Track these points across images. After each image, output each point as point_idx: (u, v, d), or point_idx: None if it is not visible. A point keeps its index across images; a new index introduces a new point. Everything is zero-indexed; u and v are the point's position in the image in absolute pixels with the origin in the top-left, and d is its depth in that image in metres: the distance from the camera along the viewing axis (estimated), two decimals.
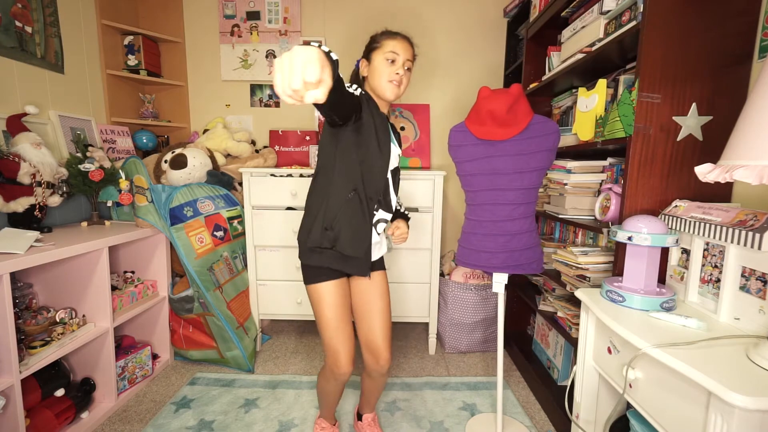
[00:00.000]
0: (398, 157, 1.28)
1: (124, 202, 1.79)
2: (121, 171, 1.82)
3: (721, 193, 1.23)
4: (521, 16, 2.23)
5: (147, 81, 2.40)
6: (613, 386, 1.05)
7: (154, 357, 1.95)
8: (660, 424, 0.88)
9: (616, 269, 1.25)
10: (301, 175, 2.00)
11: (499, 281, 1.38)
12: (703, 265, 1.08)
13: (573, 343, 1.42)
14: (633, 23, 1.20)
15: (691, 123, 1.17)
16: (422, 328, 2.45)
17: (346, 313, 1.22)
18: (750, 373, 0.75)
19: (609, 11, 1.34)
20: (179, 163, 1.93)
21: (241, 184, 2.14)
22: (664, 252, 1.20)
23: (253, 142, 2.46)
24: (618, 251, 1.25)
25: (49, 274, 1.59)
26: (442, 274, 2.22)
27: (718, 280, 1.02)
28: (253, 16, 2.46)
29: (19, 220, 1.51)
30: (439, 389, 1.80)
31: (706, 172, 0.83)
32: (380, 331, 1.26)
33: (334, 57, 0.75)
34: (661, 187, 1.21)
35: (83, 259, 1.54)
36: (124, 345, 1.82)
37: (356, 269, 1.19)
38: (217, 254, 1.91)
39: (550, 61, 1.79)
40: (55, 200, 1.63)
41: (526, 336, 2.17)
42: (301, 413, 1.62)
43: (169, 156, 1.97)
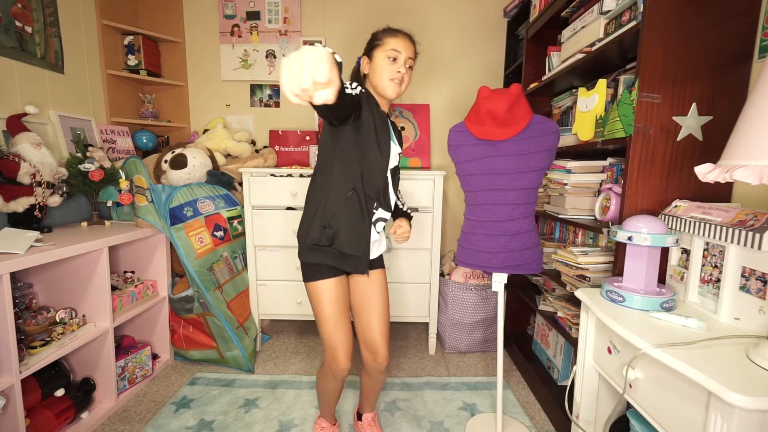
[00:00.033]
0: (398, 156, 1.28)
1: (124, 202, 1.79)
2: (121, 171, 1.82)
3: (721, 193, 1.23)
4: (521, 16, 2.23)
5: (147, 81, 2.40)
6: (613, 386, 1.05)
7: (154, 357, 1.95)
8: (660, 424, 0.88)
9: (616, 269, 1.25)
10: (301, 175, 2.00)
11: (499, 281, 1.38)
12: (703, 265, 1.08)
13: (573, 343, 1.42)
14: (633, 23, 1.20)
15: (691, 123, 1.17)
16: (422, 328, 2.45)
17: (345, 311, 1.23)
18: (750, 373, 0.75)
19: (609, 11, 1.34)
20: (179, 163, 1.93)
21: (241, 184, 2.14)
22: (664, 252, 1.20)
23: (253, 142, 2.46)
24: (618, 251, 1.25)
25: (49, 274, 1.59)
26: (442, 274, 2.22)
27: (718, 280, 1.02)
28: (253, 16, 2.46)
29: (19, 220, 1.51)
30: (439, 389, 1.80)
31: (706, 172, 0.83)
32: (379, 329, 1.26)
33: (339, 59, 0.75)
34: (661, 187, 1.21)
35: (83, 259, 1.54)
36: (124, 345, 1.82)
37: (355, 267, 1.20)
38: (217, 254, 1.91)
39: (550, 61, 1.79)
40: (55, 200, 1.63)
41: (526, 336, 2.17)
42: (301, 413, 1.62)
43: (169, 156, 1.97)
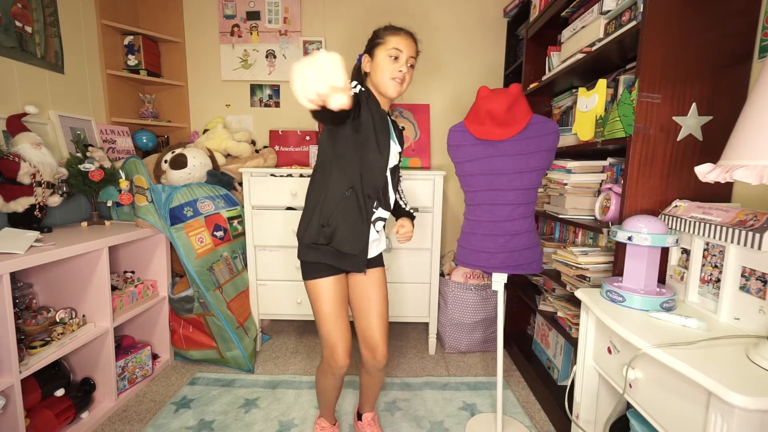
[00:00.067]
0: (398, 155, 1.28)
1: (124, 202, 1.79)
2: (121, 171, 1.82)
3: (721, 193, 1.23)
4: (521, 16, 2.23)
5: (147, 81, 2.40)
6: (613, 386, 1.05)
7: (154, 357, 1.95)
8: (660, 424, 0.88)
9: (616, 269, 1.25)
10: (301, 175, 2.00)
11: (499, 281, 1.38)
12: (703, 265, 1.08)
13: (573, 343, 1.42)
14: (633, 23, 1.20)
15: (691, 123, 1.17)
16: (422, 328, 2.45)
17: (344, 309, 1.23)
18: (750, 373, 0.75)
19: (609, 11, 1.34)
20: (179, 163, 1.93)
21: (241, 184, 2.14)
22: (664, 252, 1.20)
23: (253, 142, 2.46)
24: (618, 251, 1.25)
25: (49, 274, 1.59)
26: (442, 274, 2.22)
27: (718, 280, 1.02)
28: (253, 16, 2.46)
29: (19, 220, 1.51)
30: (439, 389, 1.80)
31: (706, 172, 0.83)
32: (378, 327, 1.27)
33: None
34: (661, 187, 1.21)
35: (83, 259, 1.54)
36: (124, 345, 1.82)
37: (353, 266, 1.20)
38: (217, 254, 1.91)
39: (550, 61, 1.79)
40: (55, 200, 1.63)
41: (526, 336, 2.17)
42: (301, 413, 1.62)
43: (169, 156, 1.97)
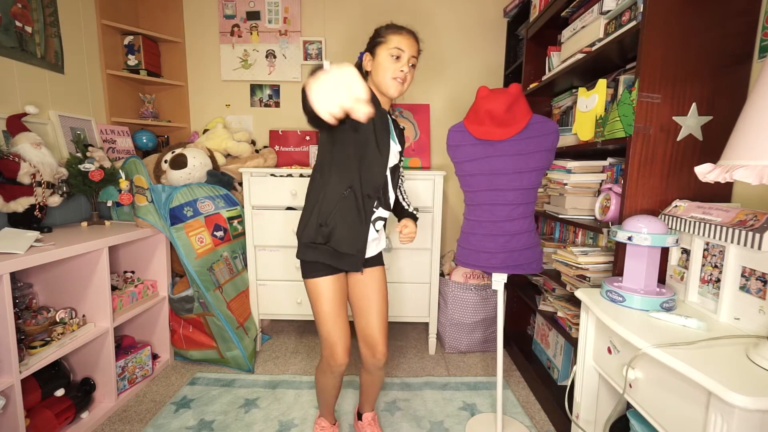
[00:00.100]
0: (399, 154, 1.28)
1: (124, 202, 1.79)
2: (121, 171, 1.82)
3: (721, 193, 1.23)
4: (521, 16, 2.23)
5: (147, 81, 2.40)
6: (613, 386, 1.05)
7: (154, 357, 1.95)
8: (660, 424, 0.88)
9: (616, 269, 1.25)
10: (301, 175, 2.00)
11: (498, 280, 1.38)
12: (703, 265, 1.08)
13: (573, 343, 1.42)
14: (633, 23, 1.20)
15: (691, 123, 1.17)
16: (422, 328, 2.45)
17: (343, 307, 1.24)
18: (750, 373, 0.75)
19: (609, 11, 1.34)
20: (179, 163, 1.93)
21: (241, 184, 2.14)
22: (664, 252, 1.20)
23: (253, 142, 2.46)
24: (618, 251, 1.25)
25: (49, 274, 1.59)
26: (442, 274, 2.22)
27: (718, 280, 1.02)
28: (253, 16, 2.46)
29: (19, 220, 1.51)
30: (439, 389, 1.80)
31: (706, 172, 0.83)
32: (377, 325, 1.27)
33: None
34: (661, 187, 1.21)
35: (83, 259, 1.54)
36: (124, 345, 1.82)
37: (349, 266, 1.20)
38: (217, 254, 1.91)
39: (550, 61, 1.79)
40: (55, 200, 1.63)
41: (526, 336, 2.17)
42: (301, 413, 1.62)
43: (169, 156, 1.97)
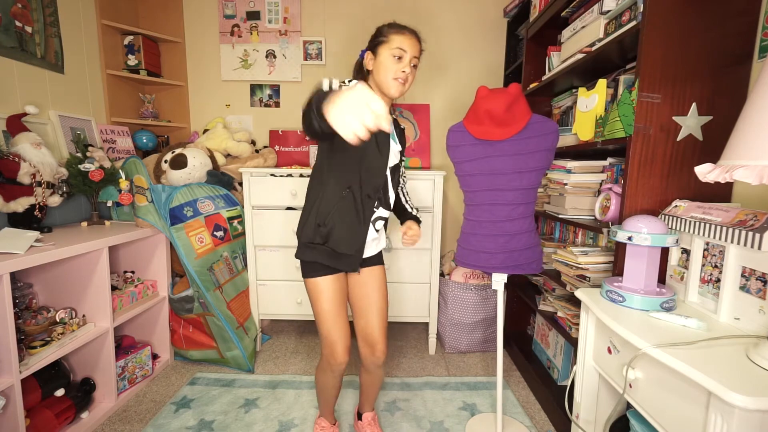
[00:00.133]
0: (399, 154, 1.27)
1: (124, 202, 1.79)
2: (121, 171, 1.82)
3: (721, 193, 1.23)
4: (521, 16, 2.23)
5: (147, 81, 2.40)
6: (613, 386, 1.05)
7: (154, 357, 1.95)
8: (660, 424, 0.88)
9: (616, 269, 1.25)
10: (301, 175, 2.00)
11: (499, 280, 1.38)
12: (703, 265, 1.08)
13: (573, 343, 1.42)
14: (633, 23, 1.20)
15: (691, 123, 1.17)
16: (422, 328, 2.45)
17: (343, 306, 1.24)
18: (750, 373, 0.75)
19: (609, 11, 1.34)
20: (179, 163, 1.93)
21: (241, 184, 2.14)
22: (664, 252, 1.20)
23: (253, 142, 2.46)
24: (618, 251, 1.25)
25: (49, 274, 1.59)
26: (442, 274, 2.22)
27: (718, 280, 1.02)
28: (253, 16, 2.46)
29: (19, 220, 1.51)
30: (439, 389, 1.80)
31: (706, 172, 0.83)
32: (377, 324, 1.28)
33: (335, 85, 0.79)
34: (661, 187, 1.21)
35: (83, 259, 1.54)
36: (124, 345, 1.82)
37: (348, 266, 1.20)
38: (217, 254, 1.91)
39: (550, 61, 1.79)
40: (55, 200, 1.63)
41: (526, 336, 2.17)
42: (301, 413, 1.62)
43: (169, 156, 1.96)
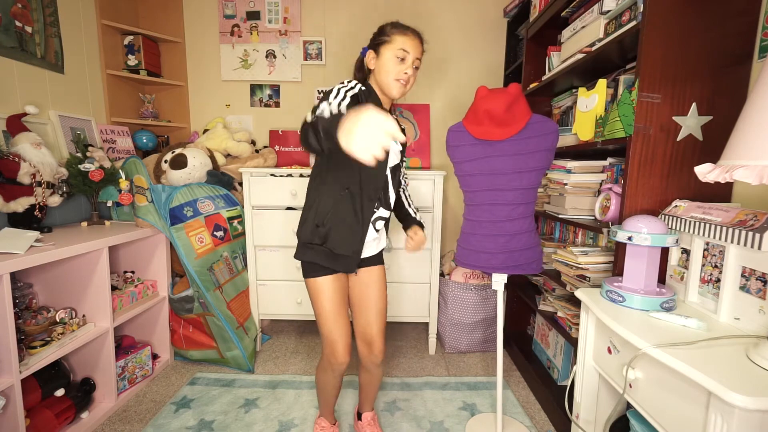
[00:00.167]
0: (400, 154, 1.27)
1: (124, 202, 1.79)
2: (121, 171, 1.82)
3: (721, 193, 1.23)
4: (521, 16, 2.23)
5: (147, 81, 2.40)
6: (613, 386, 1.05)
7: (154, 357, 1.95)
8: (660, 424, 0.88)
9: (616, 269, 1.25)
10: (301, 175, 2.00)
11: (499, 281, 1.38)
12: (703, 265, 1.08)
13: (573, 343, 1.42)
14: (633, 23, 1.20)
15: (691, 123, 1.17)
16: (422, 328, 2.45)
17: (343, 306, 1.24)
18: (750, 373, 0.75)
19: (609, 11, 1.34)
20: (179, 163, 1.93)
21: (241, 184, 2.14)
22: (664, 252, 1.20)
23: (253, 142, 2.46)
24: (618, 251, 1.25)
25: (49, 274, 1.59)
26: (442, 274, 2.22)
27: (718, 280, 1.02)
28: (253, 16, 2.46)
29: (19, 220, 1.51)
30: (439, 389, 1.80)
31: (706, 172, 0.83)
32: (376, 323, 1.29)
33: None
34: (661, 187, 1.21)
35: (83, 259, 1.54)
36: (124, 345, 1.82)
37: (344, 267, 1.20)
38: (217, 254, 1.91)
39: (550, 61, 1.79)
40: (55, 200, 1.63)
41: (526, 336, 2.17)
42: (301, 413, 1.62)
43: (169, 156, 1.96)
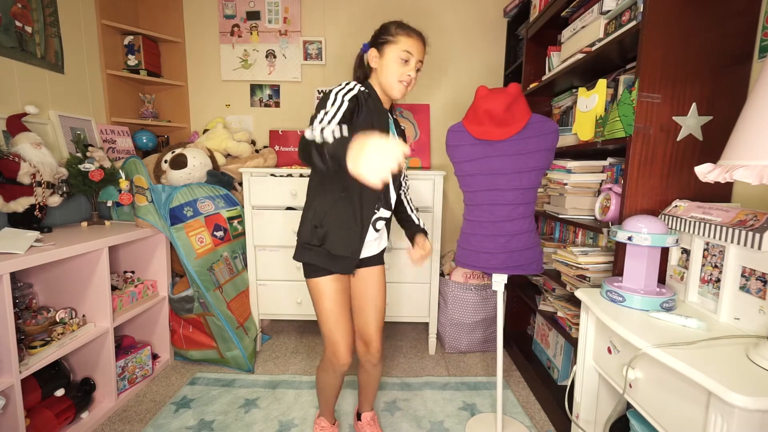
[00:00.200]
0: None
1: (124, 202, 1.79)
2: (121, 171, 1.82)
3: (721, 193, 1.23)
4: (521, 16, 2.23)
5: (147, 81, 2.40)
6: (613, 386, 1.05)
7: (154, 357, 1.95)
8: (660, 424, 0.88)
9: (616, 269, 1.25)
10: (301, 175, 2.00)
11: (499, 281, 1.38)
12: (703, 265, 1.08)
13: (573, 343, 1.42)
14: (633, 23, 1.20)
15: (691, 123, 1.17)
16: (422, 328, 2.45)
17: (345, 306, 1.24)
18: (750, 373, 0.75)
19: (609, 11, 1.34)
20: (179, 163, 1.93)
21: (241, 184, 2.14)
22: (664, 252, 1.20)
23: (253, 142, 2.46)
24: (618, 251, 1.25)
25: (49, 274, 1.59)
26: (442, 274, 2.22)
27: (718, 280, 1.02)
28: (253, 16, 2.46)
29: (19, 220, 1.51)
30: (439, 389, 1.80)
31: (706, 172, 0.83)
32: (374, 322, 1.30)
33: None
34: (661, 187, 1.21)
35: (83, 259, 1.54)
36: (124, 345, 1.82)
37: (342, 268, 1.20)
38: (217, 254, 1.91)
39: (550, 61, 1.79)
40: (55, 200, 1.63)
41: (526, 336, 2.17)
42: (301, 413, 1.62)
43: (169, 156, 1.96)
